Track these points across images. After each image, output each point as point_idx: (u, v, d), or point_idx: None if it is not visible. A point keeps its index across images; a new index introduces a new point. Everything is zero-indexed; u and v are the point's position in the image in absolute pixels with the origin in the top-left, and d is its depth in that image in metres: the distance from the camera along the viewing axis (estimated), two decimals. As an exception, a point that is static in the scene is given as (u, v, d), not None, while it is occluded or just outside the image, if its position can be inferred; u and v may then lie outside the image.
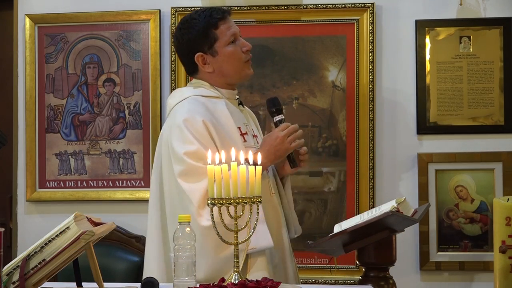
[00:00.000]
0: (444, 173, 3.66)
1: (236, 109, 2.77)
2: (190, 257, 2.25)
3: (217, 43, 2.69)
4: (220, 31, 2.70)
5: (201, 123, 2.59)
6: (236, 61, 2.72)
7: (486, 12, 3.70)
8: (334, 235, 2.60)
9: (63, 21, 3.91)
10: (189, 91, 2.75)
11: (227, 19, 2.73)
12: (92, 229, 2.26)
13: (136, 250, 3.73)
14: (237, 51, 2.72)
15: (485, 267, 3.60)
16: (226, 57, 2.70)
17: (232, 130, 2.68)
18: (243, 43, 2.74)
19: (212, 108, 2.67)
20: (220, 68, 2.72)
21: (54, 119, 3.90)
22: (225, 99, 2.74)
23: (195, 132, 2.58)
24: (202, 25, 2.69)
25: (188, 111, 2.63)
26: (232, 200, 2.27)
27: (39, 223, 3.87)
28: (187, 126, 2.59)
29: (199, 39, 2.69)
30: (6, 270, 2.24)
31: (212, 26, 2.69)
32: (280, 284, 2.26)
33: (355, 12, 3.73)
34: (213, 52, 2.70)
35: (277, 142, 2.63)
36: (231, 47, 2.71)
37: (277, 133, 2.66)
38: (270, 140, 2.66)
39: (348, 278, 3.64)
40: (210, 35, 2.69)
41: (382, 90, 3.73)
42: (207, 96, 2.71)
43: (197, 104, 2.66)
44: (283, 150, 2.65)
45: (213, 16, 2.70)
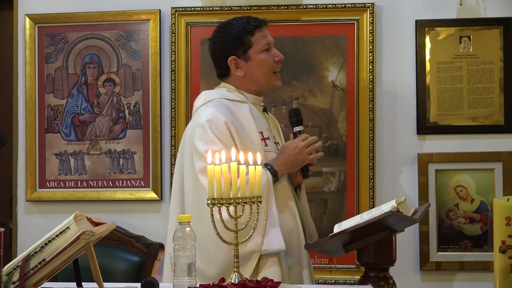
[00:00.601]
0: (444, 173, 3.66)
1: (259, 115, 2.85)
2: (190, 257, 2.25)
3: (251, 49, 2.80)
4: (255, 38, 2.80)
5: (224, 124, 2.68)
6: (266, 69, 2.82)
7: (486, 12, 3.70)
8: (334, 235, 2.60)
9: (63, 21, 3.91)
10: (215, 94, 2.85)
11: (263, 28, 2.83)
12: (92, 229, 2.26)
13: (136, 250, 3.73)
14: (269, 60, 2.82)
15: (485, 267, 3.60)
16: (258, 63, 2.80)
17: (253, 133, 2.76)
18: (276, 53, 2.84)
19: (236, 111, 2.76)
20: (251, 73, 2.81)
21: (54, 119, 3.90)
22: (250, 104, 2.82)
23: (217, 132, 2.67)
24: (238, 30, 2.80)
25: (211, 113, 2.72)
26: (232, 200, 2.28)
27: (39, 223, 3.87)
28: (210, 126, 2.68)
29: (234, 43, 2.80)
30: (6, 270, 2.24)
31: (248, 32, 2.80)
32: (280, 284, 2.27)
33: (355, 12, 3.73)
34: (246, 57, 2.80)
35: (295, 152, 2.72)
36: (264, 54, 2.81)
37: (297, 143, 2.75)
38: (289, 149, 2.75)
39: (348, 278, 3.64)
40: (245, 40, 2.79)
41: (382, 90, 3.73)
42: (232, 100, 2.80)
43: (221, 107, 2.75)
44: (300, 160, 2.74)
45: (250, 23, 2.81)
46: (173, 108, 3.80)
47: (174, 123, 3.80)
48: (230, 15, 3.76)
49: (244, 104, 2.81)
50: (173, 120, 3.80)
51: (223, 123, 2.69)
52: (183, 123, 3.79)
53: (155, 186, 3.81)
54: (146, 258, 3.71)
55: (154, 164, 3.81)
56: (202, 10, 3.82)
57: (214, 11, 3.80)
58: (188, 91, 3.81)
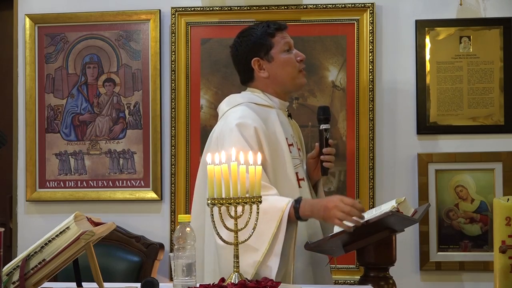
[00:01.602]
0: (444, 173, 3.66)
1: (285, 120, 2.85)
2: (190, 257, 2.25)
3: (272, 49, 2.81)
4: (276, 40, 2.82)
5: (253, 129, 2.67)
6: (290, 68, 2.82)
7: (486, 12, 3.70)
8: (334, 235, 2.60)
9: (63, 21, 3.91)
10: (243, 98, 2.84)
11: (283, 30, 2.86)
12: (92, 229, 2.26)
13: (136, 250, 3.73)
14: (291, 59, 2.83)
15: (485, 267, 3.60)
16: (281, 63, 2.81)
17: (281, 140, 2.75)
18: (297, 53, 2.86)
19: (264, 116, 2.75)
20: (275, 74, 2.82)
21: (54, 119, 3.90)
22: (277, 109, 2.82)
23: (247, 136, 2.66)
24: (259, 33, 2.83)
25: (241, 117, 2.71)
26: (232, 200, 2.28)
27: (39, 223, 3.87)
28: (240, 130, 2.66)
29: (256, 45, 2.82)
30: (6, 270, 2.24)
31: (269, 34, 2.82)
32: (280, 284, 2.27)
33: (355, 12, 3.73)
34: (269, 58, 2.81)
35: (332, 206, 2.53)
36: (286, 54, 2.82)
37: (339, 201, 2.55)
38: (330, 201, 2.57)
39: (348, 278, 3.64)
40: (266, 42, 2.81)
41: (382, 90, 3.73)
42: (259, 104, 2.80)
43: (250, 111, 2.74)
44: (329, 215, 2.55)
45: (270, 26, 2.84)
46: (173, 108, 3.80)
47: (174, 123, 3.80)
48: (230, 15, 3.78)
49: (272, 109, 2.80)
50: (173, 120, 3.80)
51: (253, 128, 2.67)
52: (183, 123, 3.79)
53: (155, 186, 3.81)
54: (146, 258, 3.71)
55: (154, 164, 3.81)
56: (202, 10, 3.82)
57: (214, 11, 3.80)
58: (188, 91, 3.81)
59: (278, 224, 2.51)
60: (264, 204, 2.43)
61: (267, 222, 2.49)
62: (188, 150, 3.80)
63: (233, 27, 3.79)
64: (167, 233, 3.80)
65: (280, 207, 2.53)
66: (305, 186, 2.82)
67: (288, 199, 2.58)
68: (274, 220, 2.51)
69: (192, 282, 2.24)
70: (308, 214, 2.57)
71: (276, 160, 2.70)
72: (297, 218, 2.57)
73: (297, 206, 2.55)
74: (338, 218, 2.50)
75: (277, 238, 2.53)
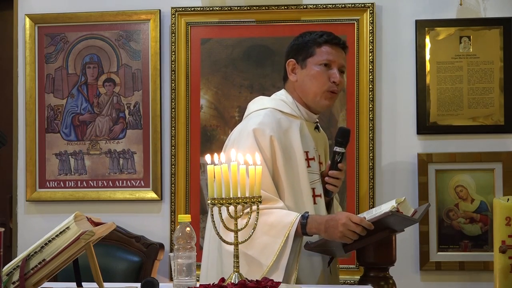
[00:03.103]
0: (444, 173, 3.66)
1: (309, 133, 2.77)
2: (190, 257, 2.25)
3: (310, 58, 2.74)
4: (320, 51, 2.74)
5: (269, 138, 2.63)
6: (317, 83, 2.73)
7: (486, 12, 3.70)
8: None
9: (63, 21, 3.91)
10: (271, 102, 2.79)
11: (335, 46, 2.76)
12: (92, 229, 2.26)
13: (136, 250, 3.73)
14: (323, 75, 2.72)
15: (485, 267, 3.60)
16: (311, 74, 2.74)
17: (298, 152, 2.68)
18: (335, 74, 2.73)
19: (286, 126, 2.70)
20: (302, 81, 2.76)
21: (54, 119, 3.90)
22: (302, 120, 2.76)
23: (262, 144, 2.62)
24: (309, 39, 2.77)
25: (260, 123, 2.66)
26: (232, 200, 2.28)
27: (39, 223, 3.87)
28: (256, 136, 2.63)
29: (300, 48, 2.77)
30: (6, 270, 2.24)
31: (316, 43, 2.75)
32: (280, 284, 2.26)
33: (355, 12, 3.73)
34: (303, 65, 2.75)
35: (339, 224, 2.51)
36: (320, 68, 2.73)
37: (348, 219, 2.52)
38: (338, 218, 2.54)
39: (348, 278, 3.64)
40: (309, 49, 2.75)
41: (382, 90, 3.73)
42: (285, 113, 2.75)
43: (272, 118, 2.69)
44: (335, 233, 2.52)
45: (323, 36, 2.76)
46: (173, 108, 3.80)
47: (174, 123, 3.80)
48: (230, 15, 3.78)
49: (297, 120, 2.74)
50: (173, 120, 3.80)
51: (269, 137, 2.63)
52: (183, 123, 3.79)
53: (155, 186, 3.81)
54: (146, 258, 3.71)
55: (154, 164, 3.81)
56: (202, 10, 3.82)
57: (214, 11, 3.80)
58: (188, 91, 3.81)
59: (285, 239, 2.50)
60: (270, 218, 2.42)
61: (273, 236, 2.48)
62: (188, 150, 3.80)
63: (233, 27, 3.80)
64: (167, 233, 3.80)
65: (287, 222, 2.51)
66: (321, 203, 2.75)
67: (295, 214, 2.55)
68: (281, 235, 2.49)
69: (192, 282, 2.24)
70: (314, 231, 2.56)
71: (291, 172, 2.65)
72: (303, 234, 2.56)
73: (304, 222, 2.54)
74: (346, 237, 2.50)
75: (283, 254, 2.52)
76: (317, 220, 2.56)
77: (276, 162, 2.62)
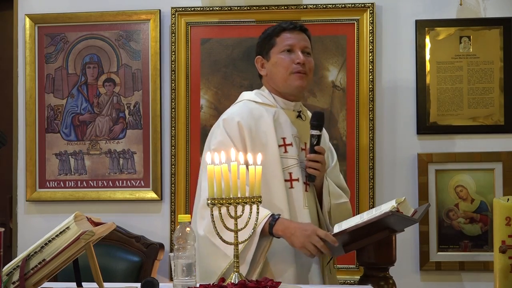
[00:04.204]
0: (444, 173, 3.66)
1: (288, 120, 2.82)
2: (190, 257, 2.25)
3: (273, 49, 2.83)
4: (280, 39, 2.83)
5: (236, 124, 2.73)
6: (281, 69, 2.80)
7: (486, 12, 3.70)
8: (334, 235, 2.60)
9: (63, 21, 3.91)
10: (247, 95, 2.91)
11: (293, 31, 2.83)
12: (92, 229, 2.26)
13: (136, 250, 3.73)
14: (285, 60, 2.80)
15: (485, 267, 3.60)
16: (275, 63, 2.82)
17: (269, 138, 2.75)
18: (298, 55, 2.79)
19: (258, 114, 2.79)
20: (270, 73, 2.85)
21: (54, 119, 3.90)
22: (279, 109, 2.83)
23: (229, 131, 2.72)
24: (269, 32, 2.86)
25: (231, 112, 2.80)
26: (232, 200, 2.28)
27: (39, 223, 3.87)
28: (224, 125, 2.74)
29: (262, 43, 2.87)
30: (6, 270, 2.24)
31: (275, 34, 2.84)
32: (280, 284, 2.27)
33: (355, 12, 3.73)
34: (268, 57, 2.85)
35: (306, 234, 2.57)
36: (283, 55, 2.81)
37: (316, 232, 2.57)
38: (307, 228, 2.59)
39: (348, 278, 3.64)
40: (270, 41, 2.84)
41: (382, 90, 3.73)
42: (259, 103, 2.83)
43: (243, 108, 2.81)
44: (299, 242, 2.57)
45: (281, 26, 2.85)
46: (173, 108, 3.80)
47: (174, 123, 3.80)
48: (230, 15, 3.78)
49: (271, 108, 2.82)
50: (173, 120, 3.80)
51: (236, 123, 2.73)
52: (183, 123, 3.79)
53: (155, 186, 3.81)
54: (146, 258, 3.71)
55: (154, 164, 3.81)
56: (202, 10, 3.82)
57: (214, 11, 3.80)
58: (188, 91, 3.81)
59: (251, 235, 2.49)
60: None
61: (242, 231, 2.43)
62: (188, 150, 3.80)
63: (233, 27, 3.79)
64: (167, 233, 3.80)
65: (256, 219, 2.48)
66: (299, 186, 2.77)
67: (265, 213, 2.58)
68: (248, 230, 2.46)
69: (192, 282, 2.24)
70: (280, 234, 2.60)
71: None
72: (269, 234, 2.60)
73: (272, 223, 2.59)
74: (307, 249, 2.56)
75: (249, 248, 2.55)
76: (285, 224, 2.60)
77: (246, 147, 2.69)
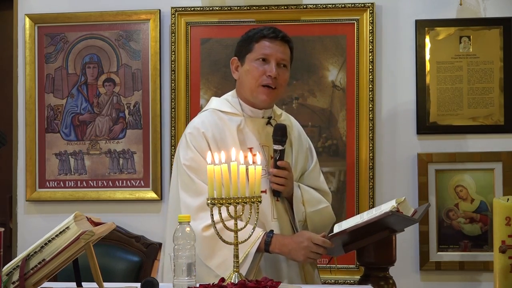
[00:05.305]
0: (444, 173, 3.66)
1: (255, 129, 2.76)
2: (190, 257, 2.25)
3: (249, 54, 2.76)
4: (258, 46, 2.74)
5: (201, 135, 2.68)
6: (251, 78, 2.73)
7: (486, 12, 3.70)
8: (334, 235, 2.60)
9: (63, 21, 3.91)
10: (214, 103, 2.84)
11: (274, 40, 2.74)
12: (92, 229, 2.26)
13: (136, 250, 3.73)
14: (255, 70, 2.72)
15: (485, 267, 3.60)
16: (247, 70, 2.75)
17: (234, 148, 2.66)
18: (271, 67, 2.71)
19: (222, 125, 2.73)
20: (241, 78, 2.78)
21: (54, 119, 3.90)
22: (245, 117, 2.76)
23: (196, 145, 2.67)
24: (250, 35, 2.78)
25: (196, 124, 2.75)
26: (231, 200, 2.28)
27: (39, 223, 3.87)
28: (190, 140, 2.70)
29: (242, 45, 2.80)
30: (6, 270, 2.24)
31: (254, 39, 2.76)
32: (280, 284, 2.27)
33: (355, 12, 3.73)
34: (243, 62, 2.77)
35: (303, 246, 2.57)
36: (257, 63, 2.73)
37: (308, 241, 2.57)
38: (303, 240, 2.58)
39: (348, 278, 3.64)
40: (249, 45, 2.76)
41: (382, 90, 3.73)
42: (225, 112, 2.77)
43: (209, 118, 2.75)
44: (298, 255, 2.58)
45: (262, 32, 2.76)
46: (173, 108, 3.80)
47: (174, 123, 3.80)
48: (230, 15, 3.78)
49: (237, 117, 2.75)
50: (173, 120, 3.80)
51: (201, 134, 2.68)
52: (183, 123, 3.79)
53: (155, 186, 3.81)
54: (146, 258, 3.71)
55: (154, 164, 3.81)
56: (202, 10, 3.82)
57: (214, 11, 3.80)
58: (188, 91, 3.81)
59: (244, 257, 2.51)
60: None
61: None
62: (188, 150, 3.80)
63: (233, 27, 3.79)
64: (167, 233, 3.79)
65: (249, 240, 2.44)
66: (266, 199, 2.67)
67: (259, 232, 2.55)
68: (241, 252, 2.44)
69: (192, 282, 2.24)
70: (277, 251, 2.59)
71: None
72: (265, 251, 2.59)
73: (268, 241, 2.57)
74: (310, 258, 2.58)
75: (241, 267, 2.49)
76: (280, 241, 2.58)
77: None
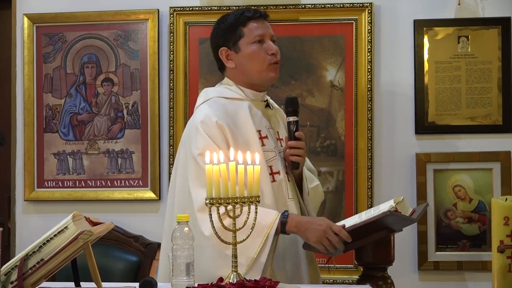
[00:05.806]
0: (442, 172, 3.66)
1: (259, 112, 2.75)
2: (189, 257, 2.25)
3: (241, 40, 2.72)
4: (248, 29, 2.72)
5: (215, 124, 2.62)
6: (257, 61, 2.71)
7: (484, 12, 3.70)
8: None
9: (61, 21, 3.91)
10: (213, 91, 2.78)
11: (259, 20, 2.74)
12: (90, 229, 2.26)
13: (134, 250, 3.73)
14: (260, 52, 2.71)
15: (483, 267, 3.60)
16: (248, 55, 2.71)
17: (250, 133, 2.67)
18: (270, 45, 2.72)
19: (233, 111, 2.69)
20: (241, 65, 2.73)
21: (53, 119, 3.90)
22: (250, 101, 2.74)
23: (211, 135, 2.61)
24: (231, 21, 2.73)
25: (206, 113, 2.66)
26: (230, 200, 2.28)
27: (38, 223, 3.87)
28: (204, 129, 2.62)
29: (226, 33, 2.73)
30: (4, 269, 2.24)
31: (240, 23, 2.72)
32: (278, 283, 2.27)
33: (354, 12, 3.73)
34: (237, 49, 2.72)
35: (321, 229, 2.54)
36: (255, 46, 2.71)
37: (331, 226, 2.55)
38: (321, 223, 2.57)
39: (346, 277, 3.64)
40: (236, 31, 2.72)
41: (380, 90, 3.73)
42: (230, 98, 2.73)
43: (216, 106, 2.68)
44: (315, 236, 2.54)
45: (244, 14, 2.73)
46: (172, 107, 3.80)
47: (173, 122, 3.80)
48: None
49: (244, 102, 2.72)
50: (172, 120, 3.80)
51: (215, 123, 2.62)
52: (181, 122, 3.79)
53: (154, 186, 3.81)
54: (145, 257, 3.72)
55: (153, 163, 3.81)
56: (200, 9, 3.82)
57: (213, 10, 3.81)
58: (187, 91, 3.81)
59: (265, 240, 2.50)
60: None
61: (252, 237, 2.40)
62: (186, 149, 3.80)
63: (231, 26, 3.79)
64: (166, 232, 3.79)
65: (266, 223, 2.49)
66: (280, 180, 2.71)
67: (274, 214, 2.55)
68: (260, 236, 2.47)
69: (191, 282, 2.24)
70: (293, 230, 2.57)
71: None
72: (282, 232, 2.57)
73: (284, 221, 2.55)
74: (322, 244, 2.53)
75: (262, 253, 2.51)
76: (297, 220, 2.57)
77: (229, 146, 2.57)
